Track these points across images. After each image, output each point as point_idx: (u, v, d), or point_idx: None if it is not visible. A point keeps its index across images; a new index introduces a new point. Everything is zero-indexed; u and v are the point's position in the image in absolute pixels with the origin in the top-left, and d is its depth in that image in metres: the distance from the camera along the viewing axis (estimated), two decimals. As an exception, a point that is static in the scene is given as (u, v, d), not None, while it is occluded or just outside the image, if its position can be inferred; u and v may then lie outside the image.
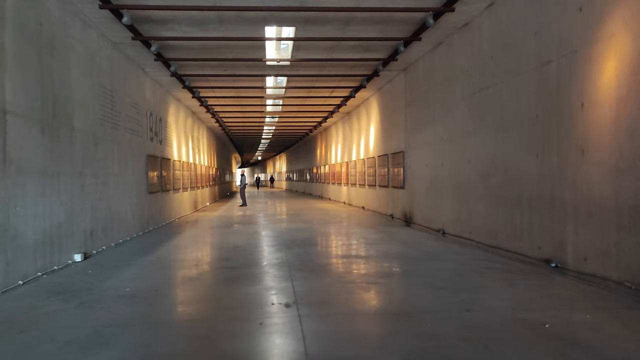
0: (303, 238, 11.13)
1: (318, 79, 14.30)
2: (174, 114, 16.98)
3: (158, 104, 14.55)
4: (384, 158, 16.08)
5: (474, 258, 8.08)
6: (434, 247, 9.38)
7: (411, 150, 13.35)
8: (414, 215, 13.08)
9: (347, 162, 22.46)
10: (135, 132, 12.11)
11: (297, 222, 15.10)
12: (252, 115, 22.38)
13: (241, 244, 10.22)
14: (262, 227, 13.58)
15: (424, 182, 12.35)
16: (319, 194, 31.67)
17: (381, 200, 16.61)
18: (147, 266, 7.83)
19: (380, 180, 16.65)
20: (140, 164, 12.55)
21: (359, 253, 9.07)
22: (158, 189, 14.21)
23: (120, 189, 10.87)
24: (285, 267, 7.48)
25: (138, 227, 12.10)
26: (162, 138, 14.97)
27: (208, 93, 16.35)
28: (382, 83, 15.41)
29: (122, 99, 11.07)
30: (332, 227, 13.72)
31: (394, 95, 14.87)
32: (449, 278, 6.55)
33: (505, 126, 8.26)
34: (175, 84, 14.57)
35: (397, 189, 14.64)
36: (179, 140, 17.81)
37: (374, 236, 11.37)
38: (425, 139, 12.21)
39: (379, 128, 16.92)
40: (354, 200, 21.21)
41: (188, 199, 19.45)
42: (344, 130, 23.65)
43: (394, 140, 15.04)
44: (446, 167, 10.86)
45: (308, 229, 12.96)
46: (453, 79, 10.40)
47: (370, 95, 17.58)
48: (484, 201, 9.02)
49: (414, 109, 13.06)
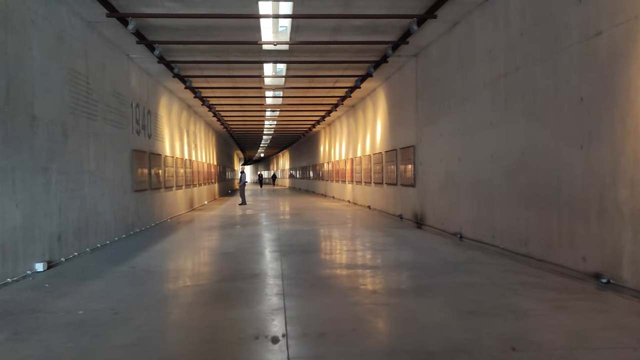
0: (303, 242, 9.92)
1: (320, 66, 13.07)
2: (166, 107, 15.80)
3: (146, 95, 13.37)
4: (391, 154, 14.84)
5: (502, 269, 6.85)
6: (453, 255, 8.16)
7: (423, 144, 12.11)
8: (426, 216, 11.85)
9: (352, 158, 21.23)
10: (118, 124, 10.93)
11: (297, 223, 13.90)
12: (251, 109, 21.18)
13: (232, 250, 9.03)
14: (259, 229, 12.39)
15: (437, 180, 11.11)
16: (323, 192, 30.45)
17: (389, 200, 15.38)
18: (117, 278, 6.65)
19: (387, 178, 15.42)
20: (124, 160, 11.37)
21: (365, 262, 7.86)
22: (146, 186, 13.04)
23: (99, 187, 9.70)
24: (279, 281, 6.27)
25: (121, 229, 10.93)
26: (151, 132, 13.79)
27: (201, 83, 15.15)
28: (391, 71, 14.17)
29: (100, 87, 9.88)
30: (336, 229, 12.51)
31: (404, 85, 13.63)
32: (478, 297, 5.33)
33: (538, 113, 7.01)
34: (165, 73, 13.38)
35: (406, 187, 13.41)
36: (172, 135, 16.63)
37: (382, 240, 10.16)
38: (439, 131, 10.97)
39: (387, 121, 15.68)
40: (360, 199, 19.98)
41: (183, 197, 18.28)
42: (348, 125, 22.42)
43: (403, 134, 13.80)
44: (464, 162, 9.62)
45: (309, 232, 11.75)
46: (472, 63, 9.16)
47: (377, 85, 16.33)
48: (511, 201, 7.79)
49: (426, 98, 11.81)
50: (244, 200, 22.14)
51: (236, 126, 27.81)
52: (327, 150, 28.94)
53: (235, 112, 21.86)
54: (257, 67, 13.34)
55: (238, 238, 11.05)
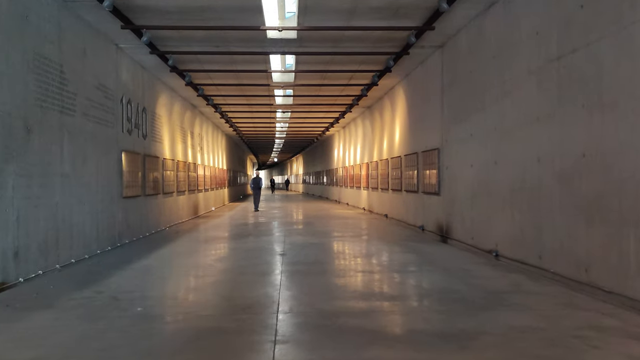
0: (310, 259, 8.49)
1: (333, 59, 11.66)
2: (165, 105, 14.53)
3: (141, 91, 12.10)
4: (412, 157, 13.36)
5: (559, 303, 5.34)
6: (492, 280, 6.65)
7: (449, 146, 10.62)
8: (453, 228, 10.33)
9: (368, 163, 19.76)
10: (103, 121, 9.65)
11: (307, 234, 12.47)
12: (260, 110, 19.86)
13: (227, 269, 7.65)
14: (264, 241, 10.99)
15: (467, 187, 9.61)
16: (336, 198, 28.99)
17: (409, 208, 13.87)
18: (71, 310, 5.29)
19: (407, 184, 13.93)
20: (111, 162, 10.08)
21: (384, 289, 6.39)
22: (139, 192, 11.74)
23: (75, 192, 8.40)
24: (273, 319, 4.85)
25: (105, 241, 9.63)
26: (146, 132, 12.51)
27: (203, 79, 13.86)
28: (412, 66, 12.71)
29: (79, 78, 8.61)
30: (349, 242, 11.05)
31: (427, 80, 12.15)
32: (541, 353, 3.85)
33: (607, 104, 5.51)
34: (162, 68, 12.11)
35: (429, 195, 11.91)
36: (172, 136, 15.36)
37: (402, 258, 8.68)
38: (469, 131, 9.48)
39: (406, 122, 14.20)
40: (376, 207, 18.48)
41: (185, 203, 16.98)
42: (364, 127, 20.96)
43: (425, 135, 12.32)
44: (501, 166, 8.12)
45: (319, 246, 10.31)
46: (514, 48, 7.67)
47: (396, 83, 14.87)
48: (565, 215, 6.27)
49: (454, 94, 10.33)
50: (257, 207, 21.62)
51: (246, 128, 26.54)
52: (341, 154, 27.50)
53: (244, 112, 20.57)
54: (263, 60, 11.99)
55: (237, 253, 9.68)
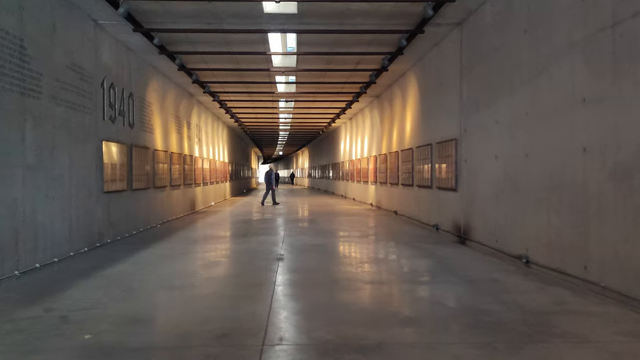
0: (311, 266, 7.36)
1: (339, 38, 10.47)
2: (157, 92, 13.40)
3: (127, 75, 10.98)
4: (425, 150, 12.17)
5: (627, 332, 4.17)
6: (528, 295, 5.48)
7: (469, 136, 9.43)
8: (473, 229, 9.16)
9: (376, 156, 18.56)
10: (78, 106, 8.54)
11: (309, 233, 11.33)
12: (261, 99, 18.68)
13: (210, 278, 6.53)
14: (260, 243, 9.86)
15: (491, 182, 8.43)
16: (342, 193, 27.82)
17: (421, 205, 12.70)
18: (2, 338, 4.18)
19: (419, 179, 12.75)
20: (88, 152, 8.98)
21: (399, 308, 5.22)
22: (124, 186, 10.64)
23: (42, 186, 7.31)
24: (253, 359, 3.72)
25: (80, 241, 8.54)
26: (134, 120, 11.40)
27: (197, 63, 12.72)
28: (425, 48, 11.49)
29: (47, 55, 7.49)
30: (356, 244, 9.91)
31: (442, 64, 10.94)
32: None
33: (687, 78, 4.31)
34: (151, 50, 10.98)
35: (445, 190, 10.73)
36: (166, 126, 14.25)
37: (418, 264, 7.53)
38: (494, 118, 8.29)
39: (419, 111, 13.00)
40: (385, 203, 17.31)
41: (181, 198, 15.89)
42: (372, 118, 19.76)
43: (440, 125, 11.12)
44: (534, 158, 6.94)
45: (321, 248, 9.17)
46: (550, 19, 6.46)
47: (407, 69, 13.65)
48: (622, 217, 5.09)
49: (475, 77, 9.13)
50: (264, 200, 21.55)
51: (248, 120, 25.38)
52: (348, 147, 26.30)
53: (244, 102, 19.41)
54: (261, 41, 10.81)
55: (229, 256, 8.58)
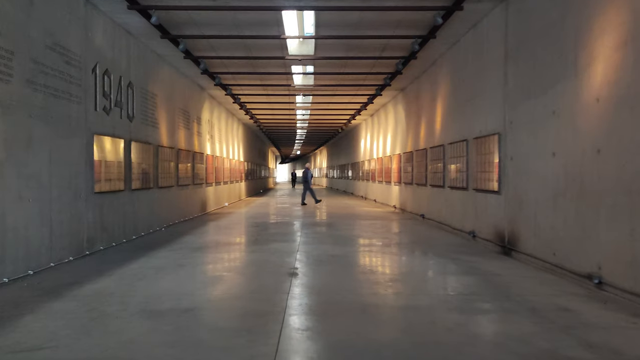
0: (330, 285, 6.07)
1: (363, 18, 9.16)
2: (163, 83, 12.24)
3: (125, 61, 9.82)
4: (459, 146, 10.78)
5: None
6: (622, 335, 4.11)
7: (516, 130, 8.04)
8: (521, 238, 7.77)
9: (400, 154, 17.17)
10: (63, 93, 7.39)
11: (327, 240, 10.03)
12: (278, 92, 17.44)
13: (209, 299, 5.29)
14: (271, 252, 8.61)
15: (546, 184, 7.03)
16: (363, 194, 26.45)
17: (454, 209, 11.30)
18: None
19: (452, 179, 11.36)
20: (75, 147, 7.83)
21: (450, 355, 3.89)
22: (120, 186, 9.49)
23: (13, 186, 6.17)
24: None
25: (64, 249, 7.39)
26: (133, 112, 10.24)
27: (205, 50, 11.53)
28: (460, 32, 10.10)
29: (20, 31, 6.34)
30: (383, 255, 8.59)
31: (481, 47, 9.54)
32: None
33: None
34: (153, 35, 9.82)
35: (484, 193, 9.34)
36: (172, 121, 13.09)
37: (459, 282, 6.19)
38: (551, 107, 6.89)
39: (451, 104, 11.60)
40: (410, 205, 15.91)
41: (189, 199, 14.74)
42: (395, 114, 18.36)
43: (478, 117, 9.73)
44: (610, 155, 5.54)
45: (341, 261, 7.87)
46: (639, -25, 5.07)
47: (439, 56, 12.23)
48: None
49: (525, 59, 7.73)
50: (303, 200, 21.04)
51: (264, 116, 24.17)
52: (369, 145, 24.91)
53: (259, 96, 18.19)
54: (275, 22, 9.55)
55: (233, 269, 7.34)
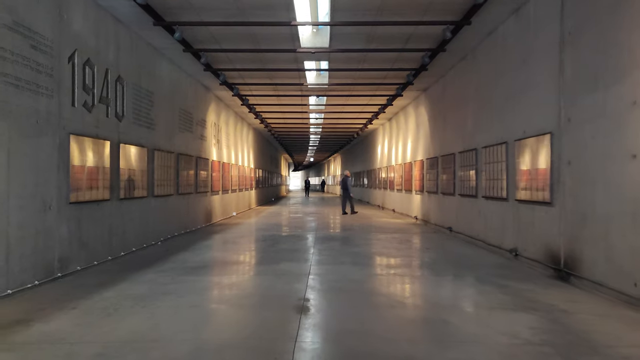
0: (349, 326, 4.68)
1: (385, 3, 7.82)
2: (161, 79, 10.99)
3: (113, 52, 8.58)
4: (496, 150, 9.34)
5: None
6: None
7: (576, 128, 6.59)
8: (586, 261, 6.29)
9: (423, 160, 15.71)
10: (29, 84, 6.15)
11: (344, 259, 8.62)
12: (288, 92, 16.14)
13: (190, 348, 3.93)
14: (278, 276, 7.24)
15: (621, 194, 5.58)
16: (380, 203, 24.97)
17: (489, 222, 9.83)
18: None
19: (486, 188, 9.90)
20: (46, 149, 6.57)
21: None
22: (105, 195, 8.21)
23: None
24: None
25: (28, 271, 6.10)
26: (124, 111, 8.99)
27: (206, 42, 10.27)
28: (500, 18, 8.70)
29: (-35, 3, 5.12)
30: (410, 279, 7.18)
31: (527, 34, 8.12)
32: None
33: None
34: (145, 21, 8.60)
35: (531, 204, 7.87)
36: (172, 122, 11.84)
37: (516, 323, 4.75)
38: (630, 96, 5.45)
39: (485, 101, 10.16)
40: (434, 216, 14.42)
41: (192, 208, 13.45)
42: (417, 116, 16.93)
43: (522, 115, 8.29)
44: None
45: (362, 287, 6.46)
46: None
47: (470, 50, 10.80)
48: None
49: (590, 40, 6.29)
50: (344, 209, 20.25)
51: (275, 120, 22.89)
52: (387, 151, 23.48)
53: (269, 96, 16.92)
54: (284, 5, 8.25)
55: (227, 302, 6.00)
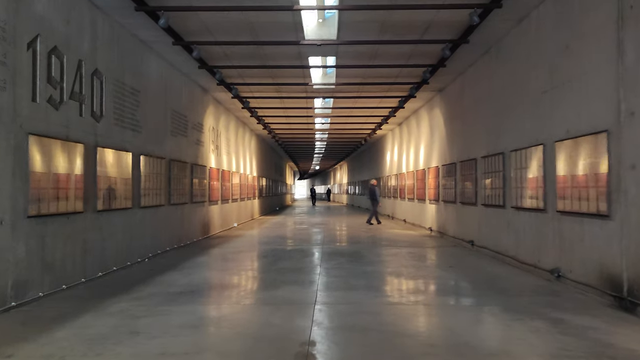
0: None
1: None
2: (149, 77, 9.86)
3: (89, 41, 7.44)
4: (528, 153, 8.11)
5: None
6: None
7: (643, 123, 5.37)
8: (660, 289, 5.04)
9: (438, 167, 14.48)
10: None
11: (355, 284, 7.37)
12: (293, 94, 15.01)
13: None
14: (276, 305, 6.03)
15: None
16: (389, 212, 23.68)
17: (521, 237, 8.56)
18: None
19: (516, 197, 8.65)
20: (-4, 152, 5.42)
21: None
22: (77, 207, 7.03)
23: None
24: None
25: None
26: (103, 109, 7.84)
27: (198, 34, 9.14)
28: (534, 2, 7.51)
29: None
30: (441, 309, 5.94)
31: (568, 15, 6.92)
32: None
33: None
34: (129, 8, 7.47)
35: (578, 216, 6.61)
36: (163, 124, 10.69)
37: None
38: None
39: (514, 98, 8.94)
40: (452, 228, 13.15)
41: (186, 220, 12.26)
42: (431, 119, 15.70)
43: (563, 111, 7.07)
44: None
45: (381, 322, 5.23)
46: None
47: (497, 39, 9.61)
48: None
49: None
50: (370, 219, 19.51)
51: (278, 125, 21.76)
52: (396, 158, 22.24)
53: (271, 99, 15.80)
54: None
55: (207, 349, 4.79)
